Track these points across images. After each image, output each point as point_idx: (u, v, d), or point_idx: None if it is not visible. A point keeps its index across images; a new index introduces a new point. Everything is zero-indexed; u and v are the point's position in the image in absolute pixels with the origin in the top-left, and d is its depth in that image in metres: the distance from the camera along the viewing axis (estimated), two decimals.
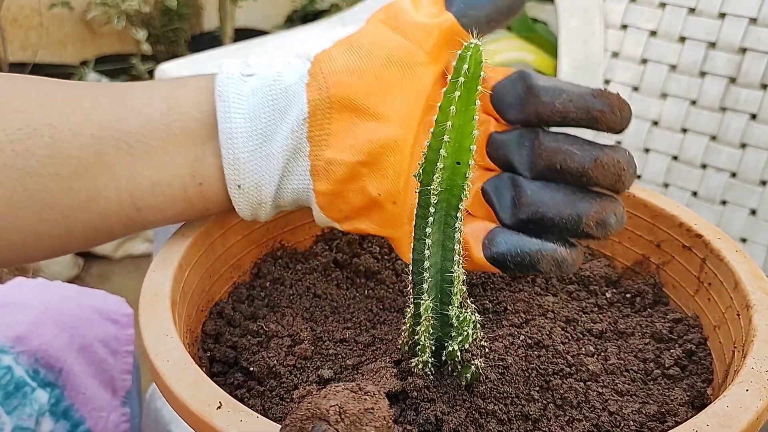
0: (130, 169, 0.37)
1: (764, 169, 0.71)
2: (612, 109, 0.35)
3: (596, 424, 0.34)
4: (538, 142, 0.37)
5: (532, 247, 0.36)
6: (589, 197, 0.36)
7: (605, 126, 0.35)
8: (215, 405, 0.28)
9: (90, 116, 0.37)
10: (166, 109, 0.38)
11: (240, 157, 0.37)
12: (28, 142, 0.36)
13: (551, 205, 0.36)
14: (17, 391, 0.56)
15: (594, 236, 0.36)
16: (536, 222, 0.37)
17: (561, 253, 0.36)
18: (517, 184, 0.38)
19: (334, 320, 0.41)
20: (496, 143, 0.39)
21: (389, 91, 0.38)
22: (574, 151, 0.36)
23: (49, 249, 0.39)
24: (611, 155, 0.35)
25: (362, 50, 0.38)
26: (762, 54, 0.71)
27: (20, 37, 1.87)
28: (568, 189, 0.36)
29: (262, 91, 0.38)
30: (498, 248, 0.37)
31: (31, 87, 0.37)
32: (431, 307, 0.32)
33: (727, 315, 0.38)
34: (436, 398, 0.34)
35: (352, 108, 0.37)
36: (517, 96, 0.38)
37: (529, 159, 0.38)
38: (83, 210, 0.37)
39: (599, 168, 0.35)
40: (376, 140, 0.37)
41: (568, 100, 0.36)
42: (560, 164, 0.36)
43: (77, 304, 0.64)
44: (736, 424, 0.28)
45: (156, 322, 0.33)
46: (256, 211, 0.39)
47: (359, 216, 0.39)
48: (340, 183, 0.38)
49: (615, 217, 0.35)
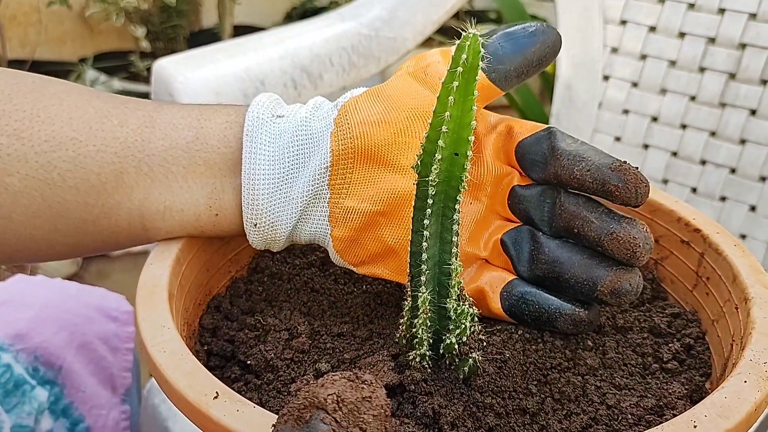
0: (146, 191, 0.38)
1: (764, 165, 0.71)
2: (626, 186, 0.34)
3: (594, 417, 0.33)
4: (559, 203, 0.37)
5: (551, 305, 0.37)
6: (606, 264, 0.36)
7: (619, 201, 0.35)
8: (212, 395, 0.28)
9: (116, 134, 0.38)
10: (192, 137, 0.38)
11: (260, 198, 0.38)
12: (53, 155, 0.36)
13: (568, 266, 0.36)
14: (16, 389, 0.56)
15: (607, 303, 0.36)
16: (552, 279, 0.37)
17: (579, 315, 0.36)
18: (535, 239, 0.38)
19: (331, 315, 0.41)
20: (518, 197, 0.39)
21: (413, 144, 0.38)
22: (592, 220, 0.36)
23: (59, 255, 0.40)
24: (627, 230, 0.35)
25: (389, 102, 0.38)
26: (762, 49, 0.71)
27: (19, 34, 1.87)
28: (587, 251, 0.37)
29: (289, 134, 0.38)
30: (517, 303, 0.38)
31: (64, 98, 0.38)
32: (429, 300, 0.32)
33: (725, 309, 0.38)
34: (433, 391, 0.33)
35: (374, 159, 0.38)
36: (542, 155, 0.37)
37: (549, 217, 0.38)
38: (94, 224, 0.38)
39: (614, 242, 0.35)
40: (395, 191, 0.38)
41: (586, 169, 0.35)
42: (578, 229, 0.36)
43: (77, 301, 0.64)
44: (735, 415, 0.28)
45: (153, 313, 0.33)
46: (269, 245, 0.40)
47: (375, 262, 0.40)
48: (358, 231, 0.39)
49: (630, 286, 0.35)
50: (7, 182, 0.36)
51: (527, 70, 0.39)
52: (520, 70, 0.39)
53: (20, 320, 0.59)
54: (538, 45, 0.39)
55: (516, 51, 0.38)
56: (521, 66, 0.39)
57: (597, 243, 0.35)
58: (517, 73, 0.39)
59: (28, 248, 0.38)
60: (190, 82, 0.71)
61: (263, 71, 0.76)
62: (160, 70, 0.72)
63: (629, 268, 0.36)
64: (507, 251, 0.39)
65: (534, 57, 0.39)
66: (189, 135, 0.38)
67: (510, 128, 0.39)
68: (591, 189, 0.35)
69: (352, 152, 0.38)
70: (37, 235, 0.38)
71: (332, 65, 0.80)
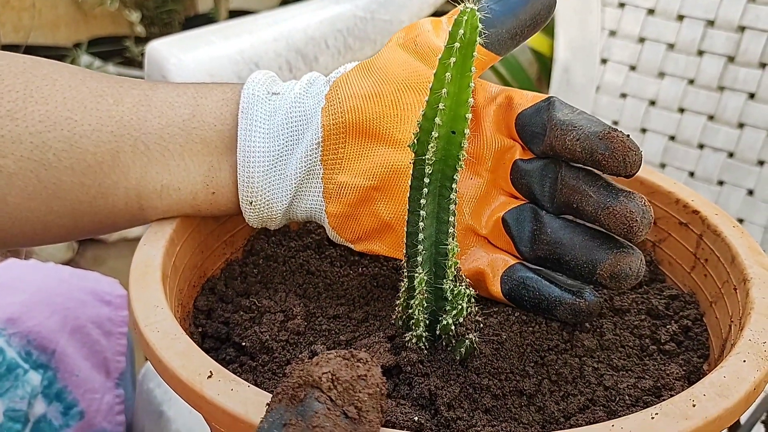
0: (142, 170, 0.38)
1: (762, 149, 0.71)
2: (614, 154, 0.33)
3: (591, 398, 0.33)
4: (560, 177, 0.36)
5: (552, 294, 0.36)
6: (607, 246, 0.35)
7: (608, 170, 0.33)
8: (206, 374, 0.27)
9: (111, 113, 0.37)
10: (189, 115, 0.38)
11: (254, 175, 0.38)
12: (47, 135, 0.36)
13: (569, 248, 0.35)
14: (9, 373, 0.56)
15: (607, 287, 0.35)
16: (553, 261, 0.36)
17: (579, 306, 0.35)
18: (538, 219, 0.37)
19: (327, 297, 0.41)
20: (521, 172, 0.38)
21: (404, 116, 0.38)
22: (590, 194, 0.34)
23: (56, 237, 0.39)
24: (624, 204, 0.33)
25: (379, 74, 0.38)
26: (761, 32, 0.70)
27: (12, 18, 1.85)
28: (589, 232, 0.36)
29: (283, 112, 0.38)
30: (516, 288, 0.37)
31: (56, 78, 0.37)
32: (425, 281, 0.32)
33: (723, 290, 0.37)
34: (429, 373, 0.33)
35: (366, 133, 0.38)
36: (542, 126, 0.36)
37: (551, 192, 0.37)
38: (91, 205, 0.38)
39: (610, 217, 0.33)
40: (389, 165, 0.38)
41: (575, 138, 0.34)
42: (576, 204, 0.35)
43: (70, 285, 0.64)
44: (734, 394, 0.27)
45: (146, 293, 0.32)
46: (265, 223, 0.40)
47: (372, 238, 0.40)
48: (353, 206, 0.39)
49: (630, 270, 0.34)
50: (1, 164, 0.35)
51: (521, 31, 0.38)
52: (513, 31, 0.37)
53: (13, 304, 0.58)
54: (529, 4, 0.37)
55: (507, 12, 0.37)
56: (514, 27, 0.37)
57: (594, 218, 0.34)
58: (511, 35, 0.38)
59: (23, 231, 0.38)
60: (183, 63, 0.70)
61: (257, 53, 0.75)
62: (153, 52, 0.71)
63: (630, 251, 0.34)
64: (509, 230, 0.38)
65: (527, 17, 0.38)
66: (185, 113, 0.38)
67: (510, 99, 0.38)
68: (581, 159, 0.34)
69: (343, 127, 0.37)
70: (32, 218, 0.37)
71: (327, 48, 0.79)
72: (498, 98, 0.39)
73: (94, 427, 0.61)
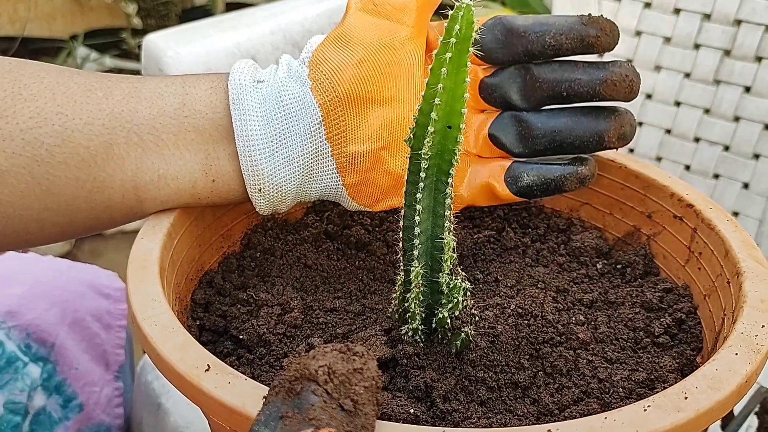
0: (138, 161, 0.38)
1: (757, 143, 0.71)
2: (605, 32, 0.37)
3: (585, 391, 0.34)
4: (533, 76, 0.39)
5: (555, 173, 0.40)
6: (603, 116, 0.39)
7: (600, 49, 0.37)
8: (203, 368, 0.28)
9: (102, 106, 0.37)
10: (179, 104, 0.38)
11: (258, 162, 0.38)
12: (39, 131, 0.36)
13: (567, 131, 0.39)
14: (9, 365, 0.56)
15: (616, 148, 0.39)
16: (555, 148, 0.40)
17: (582, 172, 0.40)
18: (521, 120, 0.40)
19: (324, 290, 0.41)
20: (490, 87, 0.41)
21: (387, 74, 0.39)
22: (578, 77, 0.38)
23: (50, 237, 0.39)
24: (618, 72, 0.38)
25: (352, 42, 0.39)
26: (757, 26, 0.70)
27: (8, 10, 1.84)
28: (575, 112, 0.39)
29: (273, 99, 0.39)
30: (523, 181, 0.41)
31: (44, 75, 0.37)
32: (421, 274, 0.32)
33: (717, 283, 0.38)
34: (426, 365, 0.34)
35: (359, 100, 0.39)
36: (498, 40, 0.40)
37: (527, 92, 0.40)
38: (86, 200, 0.38)
39: (611, 86, 0.38)
40: (389, 122, 0.39)
41: (559, 33, 0.38)
42: (567, 91, 0.39)
43: (69, 278, 0.64)
44: (725, 386, 0.28)
45: (144, 286, 0.32)
46: (276, 207, 0.41)
47: (389, 196, 0.41)
48: (368, 171, 0.40)
49: (631, 126, 0.39)
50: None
51: None
52: None
53: (11, 297, 0.59)
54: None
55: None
56: None
57: (592, 95, 0.38)
58: None
59: (17, 231, 0.37)
60: (180, 57, 0.70)
61: (254, 46, 0.75)
62: (150, 45, 0.71)
63: (622, 111, 0.39)
64: (497, 141, 0.41)
65: None
66: (175, 102, 0.38)
67: None
68: (570, 49, 0.38)
69: (338, 100, 0.38)
70: (26, 216, 0.37)
71: None
72: None
73: (93, 419, 0.62)
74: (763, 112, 0.70)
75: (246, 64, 0.40)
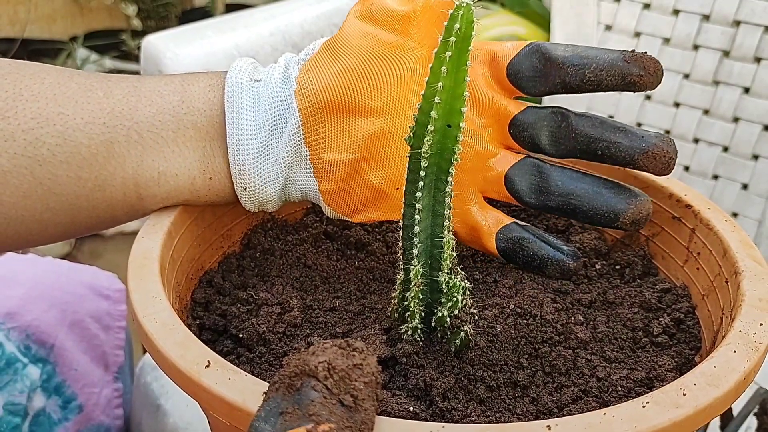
0: (138, 159, 0.38)
1: (756, 144, 0.71)
2: (648, 72, 0.36)
3: (584, 389, 0.34)
4: (571, 126, 0.38)
5: (545, 254, 0.39)
6: (624, 195, 0.38)
7: (642, 89, 0.36)
8: (204, 364, 0.28)
9: (102, 105, 0.38)
10: (178, 102, 0.39)
11: (246, 162, 0.38)
12: (40, 131, 0.36)
13: (585, 199, 0.38)
14: (8, 366, 0.56)
15: (625, 231, 0.38)
16: (566, 211, 0.39)
17: (568, 266, 0.39)
18: (542, 171, 0.39)
19: (324, 290, 0.41)
20: (522, 125, 0.39)
21: (374, 84, 0.39)
22: (619, 141, 0.37)
23: (52, 237, 0.39)
24: (661, 147, 0.36)
25: (343, 50, 0.39)
26: (756, 27, 0.70)
27: (8, 11, 1.84)
28: (599, 181, 0.38)
29: (266, 98, 0.39)
30: (512, 246, 0.40)
31: (44, 76, 0.38)
32: (421, 273, 0.32)
33: (715, 283, 0.38)
34: (425, 364, 0.34)
35: (341, 108, 0.38)
36: (535, 68, 0.38)
37: (560, 140, 0.38)
38: (88, 199, 0.38)
39: (650, 159, 0.36)
40: (369, 134, 0.39)
41: (599, 69, 0.36)
42: (602, 151, 0.37)
43: (68, 279, 0.64)
44: (724, 383, 0.28)
45: (144, 284, 0.33)
46: (262, 206, 0.41)
47: (367, 208, 0.41)
48: (344, 181, 0.40)
49: (648, 214, 0.38)
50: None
51: None
52: None
53: (11, 298, 0.59)
54: None
55: None
56: None
57: (628, 162, 0.37)
58: None
59: (19, 233, 0.38)
60: (179, 58, 0.70)
61: (253, 48, 0.75)
62: (150, 47, 0.71)
63: (644, 197, 0.38)
64: (512, 185, 0.40)
65: None
66: (175, 99, 0.39)
67: (492, 54, 0.40)
68: (608, 86, 0.36)
69: (319, 107, 0.38)
70: (28, 217, 0.37)
71: None
72: (479, 56, 0.40)
73: (93, 420, 0.62)
74: (762, 113, 0.71)
75: (245, 62, 0.41)
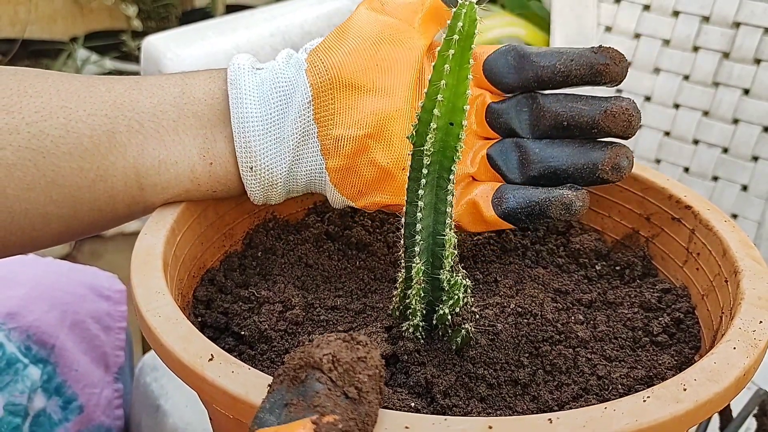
0: (139, 148, 0.39)
1: (756, 145, 0.71)
2: (614, 62, 0.37)
3: (585, 388, 0.34)
4: (539, 105, 0.39)
5: (540, 195, 0.38)
6: (599, 147, 0.38)
7: (608, 78, 0.37)
8: (207, 357, 0.28)
9: (104, 98, 0.39)
10: (179, 93, 0.40)
11: (252, 140, 0.39)
12: (44, 124, 0.37)
13: (562, 158, 0.39)
14: (9, 367, 0.56)
15: (609, 180, 0.38)
16: (548, 176, 0.39)
17: (569, 197, 0.38)
18: (521, 146, 0.40)
19: (325, 289, 0.41)
20: (496, 112, 0.41)
21: (384, 67, 0.40)
22: (580, 107, 0.38)
23: (56, 233, 0.39)
24: (619, 105, 0.37)
25: (353, 33, 0.40)
26: (755, 28, 0.71)
27: (9, 12, 1.85)
28: (574, 142, 0.39)
29: (269, 81, 0.40)
30: (508, 204, 0.39)
31: (47, 76, 0.39)
32: (423, 271, 0.33)
33: (715, 283, 0.38)
34: (426, 362, 0.34)
35: (351, 86, 0.39)
36: (510, 65, 0.40)
37: (532, 121, 0.40)
38: (90, 190, 0.38)
39: (610, 118, 0.37)
40: (378, 112, 0.39)
41: (569, 60, 0.38)
42: (568, 121, 0.38)
43: (69, 280, 0.64)
44: (724, 379, 0.28)
45: (148, 280, 0.33)
46: (267, 192, 0.41)
47: (373, 190, 0.41)
48: (351, 157, 0.40)
49: (627, 160, 0.38)
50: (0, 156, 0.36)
51: None
52: None
53: (12, 298, 0.59)
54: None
55: None
56: None
57: (592, 125, 0.38)
58: None
59: (22, 228, 0.38)
60: (179, 58, 0.70)
61: (254, 48, 0.75)
62: (150, 47, 0.71)
63: (620, 145, 0.38)
64: (494, 164, 0.41)
65: None
66: (175, 91, 0.40)
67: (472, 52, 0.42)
68: (578, 75, 0.38)
69: (330, 83, 0.39)
70: (31, 210, 0.38)
71: None
72: None
73: (93, 421, 0.62)
74: (762, 114, 0.71)
75: (246, 56, 0.42)
